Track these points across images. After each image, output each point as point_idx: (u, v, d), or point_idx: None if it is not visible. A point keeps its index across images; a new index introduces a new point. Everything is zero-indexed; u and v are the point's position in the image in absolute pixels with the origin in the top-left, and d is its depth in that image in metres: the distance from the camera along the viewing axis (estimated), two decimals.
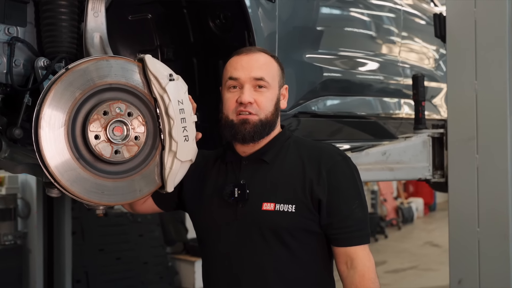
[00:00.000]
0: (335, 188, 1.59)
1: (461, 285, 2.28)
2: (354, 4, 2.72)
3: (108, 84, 1.48)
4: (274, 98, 1.63)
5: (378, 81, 2.95)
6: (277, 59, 1.69)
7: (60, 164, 1.41)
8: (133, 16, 2.06)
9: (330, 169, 1.59)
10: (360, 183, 1.66)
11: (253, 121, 1.60)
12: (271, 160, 1.64)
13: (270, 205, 1.59)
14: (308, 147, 1.68)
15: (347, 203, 1.60)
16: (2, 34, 1.63)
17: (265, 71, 1.61)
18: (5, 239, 4.32)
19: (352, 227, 1.58)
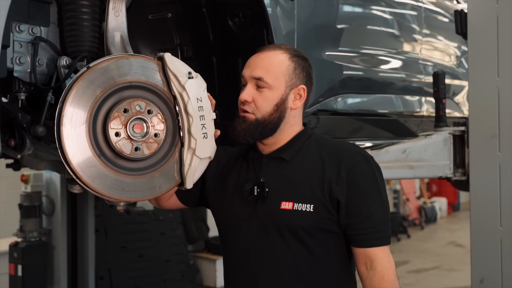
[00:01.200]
0: (355, 189, 1.57)
1: (483, 284, 2.25)
2: (374, 2, 2.70)
3: (128, 82, 1.50)
4: (276, 98, 1.61)
5: (398, 79, 2.93)
6: (294, 58, 1.65)
7: (82, 161, 1.44)
8: (153, 15, 2.08)
9: (350, 169, 1.58)
10: (382, 183, 1.64)
11: (248, 120, 1.62)
12: (291, 159, 1.64)
13: (288, 204, 1.59)
14: (329, 146, 1.66)
15: (367, 204, 1.58)
16: (26, 34, 1.66)
17: (265, 71, 1.61)
18: (30, 235, 4.37)
19: (371, 228, 1.57)
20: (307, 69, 1.68)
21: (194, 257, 6.35)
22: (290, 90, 1.63)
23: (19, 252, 4.28)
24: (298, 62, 1.65)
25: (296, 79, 1.64)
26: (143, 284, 5.46)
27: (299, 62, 1.65)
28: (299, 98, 1.66)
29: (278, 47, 1.68)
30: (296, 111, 1.66)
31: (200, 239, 6.46)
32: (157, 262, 5.67)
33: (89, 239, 4.55)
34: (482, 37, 2.26)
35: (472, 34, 2.28)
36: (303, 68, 1.66)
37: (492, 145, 2.21)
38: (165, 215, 5.95)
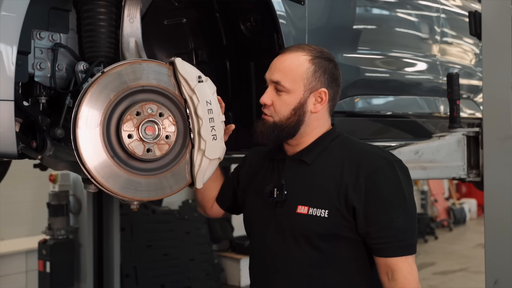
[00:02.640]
0: (374, 195, 1.51)
1: (497, 285, 2.24)
2: (389, 3, 2.72)
3: (141, 86, 1.56)
4: (293, 102, 1.59)
5: (415, 80, 2.93)
6: (315, 60, 1.61)
7: (96, 162, 1.50)
8: (168, 21, 2.13)
9: (370, 173, 1.53)
10: (408, 189, 1.56)
11: (267, 123, 1.62)
12: (312, 162, 1.61)
13: (304, 209, 1.57)
14: (353, 149, 1.61)
15: (387, 211, 1.51)
16: (46, 40, 1.73)
17: (283, 75, 1.59)
18: (58, 233, 4.50)
19: (392, 237, 1.51)
20: (331, 70, 1.63)
21: (219, 257, 6.43)
22: (309, 94, 1.59)
23: (47, 249, 4.42)
24: (319, 64, 1.60)
25: (316, 82, 1.60)
26: (168, 282, 5.55)
27: (320, 64, 1.61)
28: (320, 102, 1.61)
29: (300, 48, 1.63)
30: (319, 114, 1.62)
31: (224, 239, 6.52)
32: (182, 260, 5.76)
33: (115, 237, 4.65)
34: (496, 38, 2.25)
35: (486, 35, 2.27)
36: (325, 70, 1.61)
37: (507, 146, 2.20)
38: (190, 215, 6.03)
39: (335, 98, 1.67)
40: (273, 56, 1.89)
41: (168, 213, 5.87)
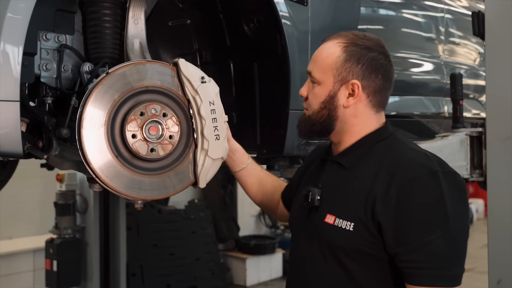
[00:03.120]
0: (405, 210, 1.29)
1: (500, 285, 2.24)
2: (394, 4, 2.73)
3: (145, 87, 1.58)
4: (322, 95, 1.45)
5: (420, 80, 2.94)
6: (350, 48, 1.43)
7: (101, 161, 1.52)
8: (173, 22, 2.16)
9: (403, 185, 1.30)
10: (456, 207, 1.30)
11: (304, 116, 1.54)
12: (350, 166, 1.45)
13: (331, 218, 1.41)
14: (394, 154, 1.39)
15: (420, 231, 1.28)
16: (53, 42, 1.76)
17: (314, 65, 1.48)
18: (65, 232, 4.53)
19: (426, 262, 1.27)
20: (369, 60, 1.42)
21: (225, 256, 6.46)
22: (340, 86, 1.44)
23: (54, 248, 4.45)
24: (352, 52, 1.42)
25: (346, 73, 1.42)
26: (174, 281, 5.59)
27: (354, 52, 1.42)
28: (353, 96, 1.44)
29: (341, 35, 1.48)
30: (355, 110, 1.45)
31: (230, 239, 6.56)
32: (188, 260, 5.80)
33: (121, 236, 4.70)
34: (499, 39, 2.25)
35: (490, 36, 2.27)
36: (359, 59, 1.42)
37: (509, 146, 2.19)
38: (196, 215, 6.07)
39: (380, 92, 1.45)
40: (275, 57, 1.92)
41: (174, 212, 5.91)
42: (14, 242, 4.99)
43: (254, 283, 6.44)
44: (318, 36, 2.09)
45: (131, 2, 1.76)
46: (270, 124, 2.04)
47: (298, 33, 1.97)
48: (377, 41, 1.47)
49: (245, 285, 6.33)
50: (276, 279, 6.64)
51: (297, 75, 1.97)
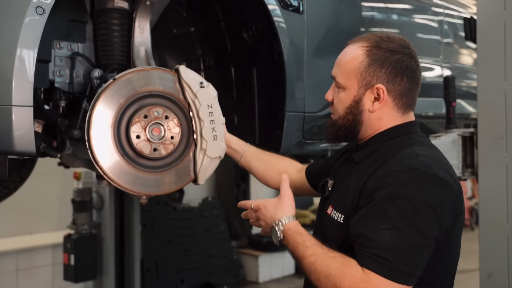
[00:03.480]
0: (372, 197, 1.29)
1: (490, 279, 2.34)
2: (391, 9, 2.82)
3: (148, 92, 1.71)
4: (347, 100, 1.44)
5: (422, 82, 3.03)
6: (373, 51, 1.40)
7: (108, 160, 1.65)
8: (177, 30, 2.28)
9: (379, 177, 1.32)
10: (420, 210, 1.25)
11: (330, 121, 1.53)
12: (359, 161, 1.45)
13: (330, 209, 1.45)
14: (391, 151, 1.39)
15: (375, 219, 1.27)
16: (66, 50, 1.90)
17: (339, 70, 1.46)
18: (81, 228, 4.62)
19: (371, 248, 1.25)
20: (394, 63, 1.39)
21: (237, 253, 6.51)
22: (365, 90, 1.42)
23: (71, 243, 4.54)
24: (376, 55, 1.40)
25: (370, 78, 1.41)
26: (187, 277, 5.67)
27: (377, 55, 1.40)
28: (378, 100, 1.42)
29: (364, 38, 1.46)
30: (381, 113, 1.43)
31: (243, 236, 6.60)
32: (202, 256, 5.86)
33: (135, 232, 4.79)
34: (490, 43, 2.34)
35: (481, 40, 2.37)
36: (383, 62, 1.39)
37: (500, 146, 2.29)
38: (210, 212, 6.17)
39: (406, 94, 1.43)
40: (272, 63, 2.04)
41: (188, 210, 6.00)
42: (34, 237, 5.11)
43: (266, 279, 6.51)
44: (314, 43, 2.21)
45: (137, 13, 1.89)
46: (268, 125, 2.16)
47: (294, 40, 2.08)
48: (401, 42, 1.44)
49: (257, 281, 6.39)
50: (289, 276, 6.70)
51: (292, 79, 2.08)
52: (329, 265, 1.28)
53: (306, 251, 1.33)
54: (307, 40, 2.16)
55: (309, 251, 1.33)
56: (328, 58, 2.29)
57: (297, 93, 2.13)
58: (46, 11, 1.50)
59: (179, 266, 5.66)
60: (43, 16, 1.49)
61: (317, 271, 1.29)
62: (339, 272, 1.26)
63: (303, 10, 2.13)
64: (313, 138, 2.26)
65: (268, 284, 6.46)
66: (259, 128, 2.18)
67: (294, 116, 2.11)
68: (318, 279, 1.29)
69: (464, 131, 2.44)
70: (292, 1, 2.07)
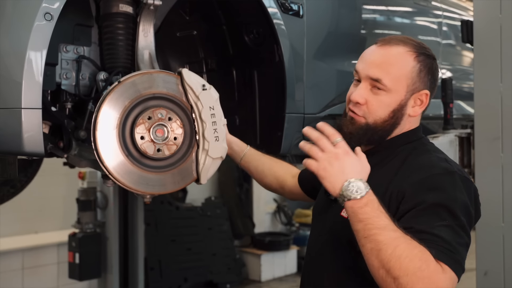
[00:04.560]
0: (419, 201, 1.30)
1: (486, 276, 2.39)
2: (392, 11, 2.87)
3: (152, 94, 1.74)
4: (393, 103, 1.43)
5: None
6: (420, 57, 1.43)
7: (113, 160, 1.69)
8: (181, 33, 2.32)
9: (421, 180, 1.33)
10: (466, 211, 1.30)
11: (358, 123, 1.46)
12: (374, 164, 1.42)
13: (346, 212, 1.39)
14: (416, 156, 1.41)
15: (428, 219, 1.28)
16: (72, 53, 1.94)
17: (385, 72, 1.42)
18: (86, 227, 4.69)
19: (431, 241, 1.24)
20: (433, 70, 1.46)
21: (240, 252, 6.57)
22: (410, 95, 1.44)
23: (76, 241, 4.60)
24: (424, 62, 1.43)
25: (420, 83, 1.43)
26: (191, 275, 5.74)
27: (425, 62, 1.44)
28: (419, 104, 1.45)
29: (402, 42, 1.45)
30: (414, 118, 1.48)
31: (246, 235, 6.66)
32: (205, 255, 5.93)
33: (139, 231, 4.84)
34: (486, 45, 2.39)
35: (478, 43, 2.42)
36: (429, 69, 1.45)
37: (495, 147, 2.34)
38: (213, 211, 6.23)
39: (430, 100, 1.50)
40: (273, 65, 2.09)
41: (191, 209, 6.06)
42: (40, 236, 5.17)
43: (268, 278, 6.56)
44: (313, 46, 2.26)
45: (142, 17, 1.93)
46: (269, 126, 2.20)
47: (294, 43, 2.13)
48: (431, 50, 1.50)
49: (260, 280, 6.45)
50: (291, 275, 6.75)
51: (292, 81, 2.13)
52: (413, 246, 1.22)
53: (391, 225, 1.26)
54: (307, 43, 2.21)
55: (392, 225, 1.26)
56: (327, 60, 2.37)
57: (297, 95, 2.17)
58: (54, 17, 1.55)
59: (182, 265, 5.73)
60: (51, 22, 1.55)
61: (400, 248, 1.22)
62: (424, 256, 1.21)
63: (303, 14, 2.18)
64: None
65: (271, 283, 6.51)
66: (260, 129, 2.22)
67: (294, 117, 2.16)
68: (398, 256, 1.21)
69: (461, 132, 2.49)
70: (292, 6, 2.13)
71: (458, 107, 3.20)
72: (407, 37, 1.50)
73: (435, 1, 3.23)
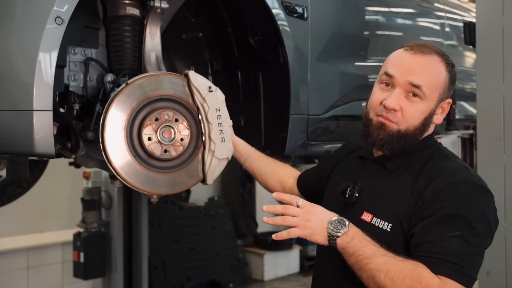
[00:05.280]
0: (435, 208, 1.34)
1: (488, 276, 2.41)
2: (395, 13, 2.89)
3: (159, 96, 1.77)
4: (426, 111, 1.45)
5: None
6: (449, 68, 1.47)
7: (121, 161, 1.71)
8: (186, 35, 2.35)
9: (440, 188, 1.36)
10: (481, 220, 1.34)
11: (390, 130, 1.46)
12: (393, 169, 1.48)
13: (368, 216, 1.46)
14: (436, 163, 1.44)
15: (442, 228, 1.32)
16: (80, 55, 1.96)
17: (426, 80, 1.43)
18: (91, 226, 4.72)
19: (439, 254, 1.30)
20: (455, 79, 1.51)
21: (243, 251, 6.60)
22: (439, 104, 1.48)
23: (81, 241, 4.63)
24: (451, 73, 1.48)
25: (447, 92, 1.49)
26: (194, 275, 5.76)
27: (452, 73, 1.48)
28: (441, 112, 1.51)
29: (434, 51, 1.47)
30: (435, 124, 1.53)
31: (249, 234, 6.69)
32: (208, 254, 5.95)
33: (143, 231, 4.87)
34: (488, 47, 2.41)
35: (480, 44, 2.44)
36: (454, 79, 1.49)
37: (498, 147, 2.36)
38: (216, 211, 6.25)
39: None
40: (278, 67, 2.11)
41: (195, 209, 6.09)
42: (44, 235, 5.20)
43: (271, 277, 6.58)
44: (318, 48, 2.28)
45: (148, 19, 1.96)
46: (273, 127, 2.22)
47: (298, 45, 2.15)
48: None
49: (262, 279, 6.47)
50: (293, 274, 6.78)
51: (297, 83, 2.16)
52: (403, 266, 1.30)
53: (378, 251, 1.34)
54: (311, 45, 2.23)
55: (381, 251, 1.34)
56: (331, 62, 2.39)
57: (301, 96, 2.20)
58: (65, 21, 1.58)
59: (186, 264, 5.76)
60: (62, 25, 1.58)
61: (390, 271, 1.30)
62: (415, 274, 1.28)
63: (307, 16, 2.20)
64: (317, 140, 2.34)
65: (273, 282, 6.53)
66: (265, 130, 2.24)
67: (298, 119, 2.19)
68: (391, 279, 1.29)
69: (463, 133, 2.51)
70: (296, 8, 2.15)
71: (461, 108, 3.22)
72: (433, 45, 1.52)
73: (438, 3, 3.25)
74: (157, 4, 1.89)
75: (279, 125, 2.19)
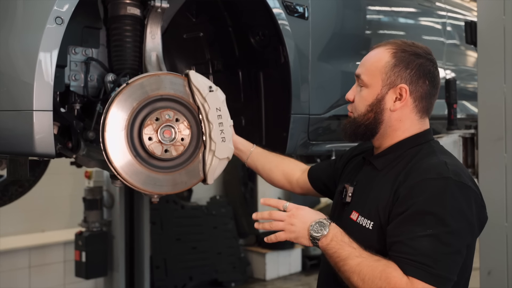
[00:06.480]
0: (407, 204, 1.34)
1: (490, 275, 2.41)
2: (397, 13, 2.89)
3: (160, 96, 1.77)
4: (370, 98, 1.49)
5: None
6: (399, 54, 1.47)
7: (121, 161, 1.71)
8: (187, 35, 2.35)
9: (413, 185, 1.36)
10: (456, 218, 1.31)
11: (348, 119, 1.57)
12: (382, 168, 1.50)
13: (355, 215, 1.49)
14: (418, 160, 1.43)
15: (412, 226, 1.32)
16: (80, 55, 1.96)
17: (365, 67, 1.52)
18: (92, 226, 4.72)
19: (408, 254, 1.31)
20: (418, 66, 1.47)
21: (245, 251, 6.61)
22: (388, 89, 1.48)
23: (83, 240, 4.64)
24: (402, 57, 1.47)
25: (395, 77, 1.47)
26: (196, 274, 5.77)
27: (403, 57, 1.47)
28: (398, 99, 1.47)
29: (389, 42, 1.53)
30: (400, 114, 1.48)
31: (251, 234, 6.69)
32: (210, 254, 5.96)
33: (145, 230, 4.87)
34: (490, 46, 2.41)
35: (481, 44, 2.43)
36: (408, 64, 1.46)
37: (499, 147, 2.36)
38: (218, 210, 6.25)
39: (426, 98, 1.49)
40: (278, 67, 2.12)
41: (197, 208, 6.09)
42: (46, 234, 5.21)
43: (273, 277, 6.58)
44: (318, 47, 2.28)
45: (149, 19, 1.96)
46: (274, 127, 2.22)
47: (299, 45, 2.15)
48: (425, 49, 1.52)
49: (264, 278, 6.48)
50: (295, 274, 6.78)
51: (298, 82, 2.16)
52: (375, 267, 1.33)
53: (353, 252, 1.37)
54: (312, 45, 2.23)
55: (356, 252, 1.37)
56: (332, 61, 2.39)
57: (302, 96, 2.20)
58: (65, 21, 1.59)
59: (188, 264, 5.76)
60: (62, 25, 1.58)
61: (362, 272, 1.33)
62: (384, 275, 1.31)
63: (308, 16, 2.20)
64: (318, 139, 2.33)
65: (275, 281, 6.53)
66: (266, 130, 2.24)
67: (299, 118, 2.18)
68: (362, 280, 1.33)
69: (465, 132, 2.51)
70: (297, 8, 2.15)
71: (463, 107, 3.22)
72: (402, 40, 1.55)
73: (439, 2, 3.25)
74: (158, 3, 1.89)
75: (280, 124, 2.19)
